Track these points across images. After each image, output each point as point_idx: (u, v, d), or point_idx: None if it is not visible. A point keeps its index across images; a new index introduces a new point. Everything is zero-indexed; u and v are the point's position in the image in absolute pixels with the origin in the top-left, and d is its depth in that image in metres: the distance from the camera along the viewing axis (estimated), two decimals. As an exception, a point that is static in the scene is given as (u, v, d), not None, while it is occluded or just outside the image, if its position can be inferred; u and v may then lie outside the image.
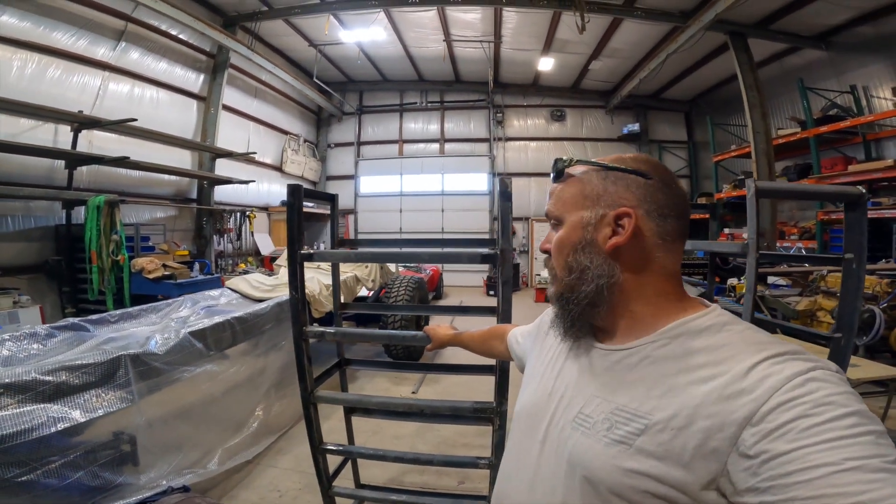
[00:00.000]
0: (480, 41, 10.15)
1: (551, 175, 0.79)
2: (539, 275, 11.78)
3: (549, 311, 0.94)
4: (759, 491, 0.49)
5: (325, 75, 11.99)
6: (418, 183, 13.70)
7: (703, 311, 0.69)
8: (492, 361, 1.95)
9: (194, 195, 8.64)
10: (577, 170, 0.76)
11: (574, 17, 7.67)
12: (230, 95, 9.37)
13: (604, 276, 0.71)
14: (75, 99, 6.26)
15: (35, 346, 2.73)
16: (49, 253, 6.00)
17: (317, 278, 4.91)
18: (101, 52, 6.72)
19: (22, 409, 1.79)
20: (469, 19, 9.34)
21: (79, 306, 5.86)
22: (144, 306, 3.75)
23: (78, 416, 2.03)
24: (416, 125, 13.92)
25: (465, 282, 12.89)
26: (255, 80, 10.34)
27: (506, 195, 1.87)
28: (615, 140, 13.08)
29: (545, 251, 0.80)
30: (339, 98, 13.10)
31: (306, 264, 1.97)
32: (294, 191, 1.91)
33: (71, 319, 3.13)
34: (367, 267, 5.87)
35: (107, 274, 5.43)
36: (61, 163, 5.94)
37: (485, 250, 2.12)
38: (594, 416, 0.68)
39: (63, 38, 6.17)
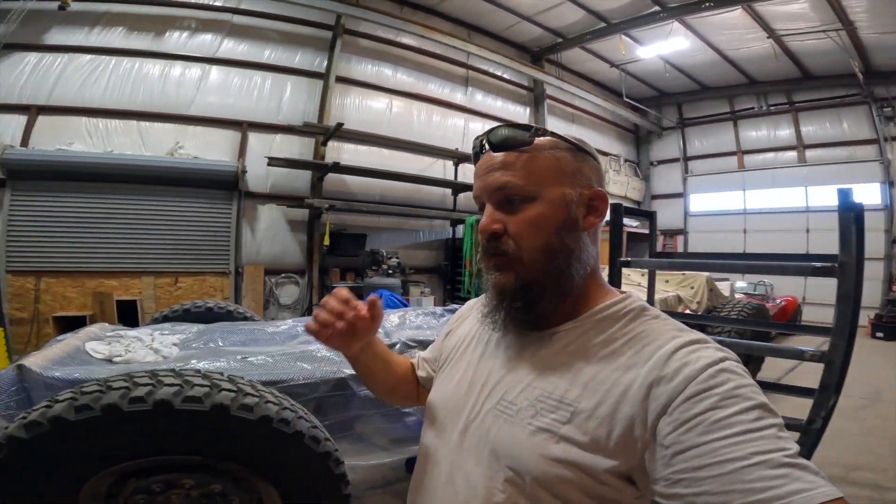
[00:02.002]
0: (824, 30, 7.94)
1: (491, 142, 0.68)
2: None
3: (470, 305, 0.91)
4: (672, 482, 0.50)
5: (634, 92, 11.79)
6: (768, 198, 11.41)
7: (621, 297, 0.68)
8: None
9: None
10: (544, 143, 0.67)
11: None
12: (551, 124, 10.47)
13: (591, 257, 0.69)
14: (451, 138, 8.65)
15: (433, 321, 3.90)
16: (441, 259, 8.56)
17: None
18: (459, 97, 9.11)
19: None
20: (793, 10, 7.66)
21: (455, 299, 8.07)
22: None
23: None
24: (759, 133, 11.72)
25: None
26: (569, 107, 11.25)
27: (848, 203, 1.66)
28: None
29: (494, 232, 0.67)
30: (654, 114, 12.57)
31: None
32: (615, 208, 2.29)
33: (454, 305, 4.44)
34: (692, 288, 5.55)
35: (473, 277, 7.27)
36: (448, 190, 8.38)
37: (819, 263, 1.88)
38: (518, 403, 0.65)
39: (435, 87, 8.76)
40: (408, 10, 8.21)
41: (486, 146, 0.69)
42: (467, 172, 8.73)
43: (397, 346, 2.29)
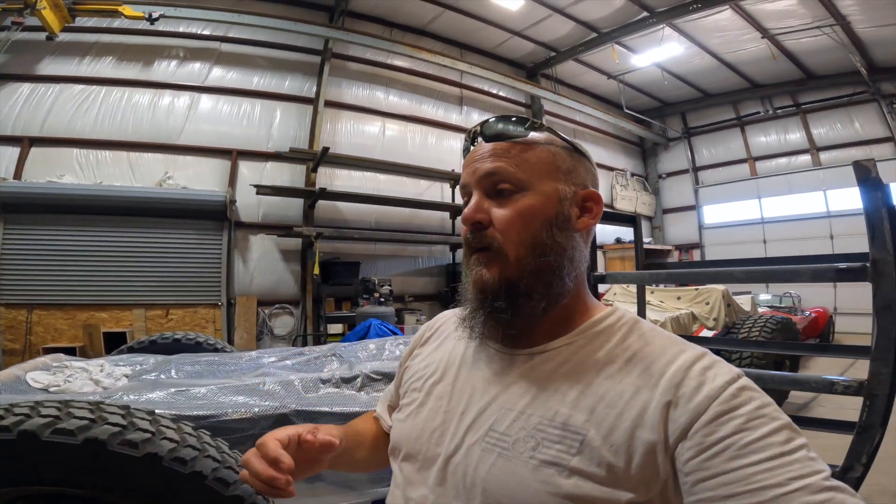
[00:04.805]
0: (818, 27, 7.72)
1: (485, 133, 0.65)
2: None
3: (431, 325, 0.82)
4: None
5: (635, 104, 11.52)
6: (786, 206, 10.89)
7: (611, 310, 0.65)
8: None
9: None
10: (540, 137, 0.64)
11: None
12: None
13: (584, 261, 0.65)
14: (448, 160, 8.40)
15: None
16: (441, 285, 8.21)
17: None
18: (455, 117, 8.93)
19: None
20: (782, 8, 7.52)
21: (457, 326, 7.70)
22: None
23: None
24: (768, 138, 11.31)
25: (869, 328, 9.04)
26: (569, 122, 10.98)
27: (870, 183, 1.31)
28: None
29: (478, 221, 0.61)
30: (658, 125, 12.23)
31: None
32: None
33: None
34: (707, 304, 5.12)
35: (475, 303, 6.92)
36: (447, 214, 8.11)
37: (844, 264, 1.49)
38: (511, 434, 0.57)
39: (429, 108, 8.59)
40: (397, 31, 8.17)
41: (479, 137, 0.66)
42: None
43: (359, 378, 2.16)
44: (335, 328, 6.45)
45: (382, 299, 6.44)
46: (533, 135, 0.64)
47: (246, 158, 6.79)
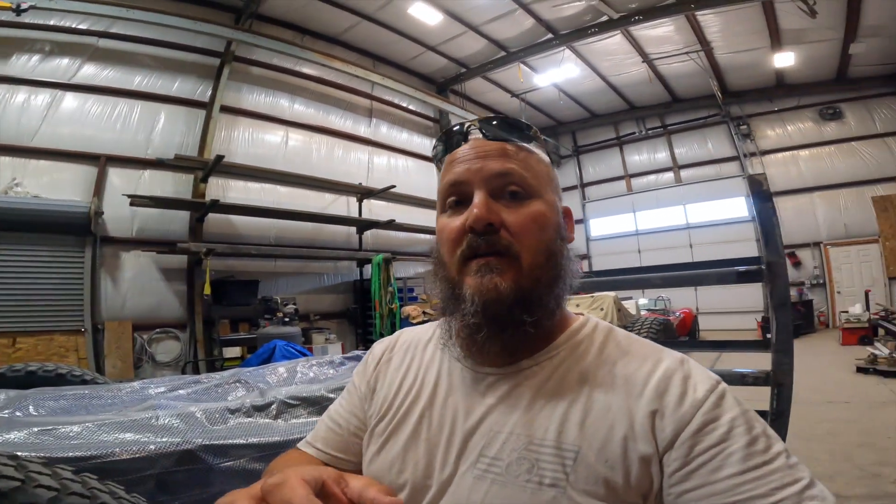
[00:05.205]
0: (686, 53, 9.11)
1: (486, 129, 0.61)
2: (846, 311, 8.44)
3: (391, 342, 0.75)
4: None
5: (533, 122, 12.02)
6: (656, 218, 12.46)
7: (583, 319, 0.63)
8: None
9: (444, 251, 10.06)
10: (531, 146, 0.62)
11: (793, 2, 6.18)
12: None
13: (575, 274, 0.62)
14: (354, 173, 8.25)
15: (331, 371, 3.55)
16: (349, 302, 7.92)
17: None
18: (363, 129, 8.81)
19: (310, 420, 2.22)
20: (661, 34, 8.67)
21: (367, 343, 7.43)
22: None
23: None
24: (641, 157, 12.91)
25: (729, 324, 10.65)
26: None
27: (762, 195, 1.51)
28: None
29: (489, 223, 0.55)
30: (553, 143, 13.32)
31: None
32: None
33: (357, 352, 3.99)
34: (602, 309, 5.59)
35: (385, 319, 6.75)
36: (353, 229, 7.88)
37: (742, 267, 1.70)
38: (503, 458, 0.54)
39: (336, 119, 8.39)
40: (308, 38, 7.86)
41: (472, 134, 0.62)
42: (373, 209, 8.34)
43: (274, 405, 1.98)
44: (232, 352, 5.86)
45: (287, 319, 6.01)
46: (530, 145, 0.62)
47: (118, 165, 5.94)
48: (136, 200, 5.56)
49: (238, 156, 6.81)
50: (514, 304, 0.55)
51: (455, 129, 0.64)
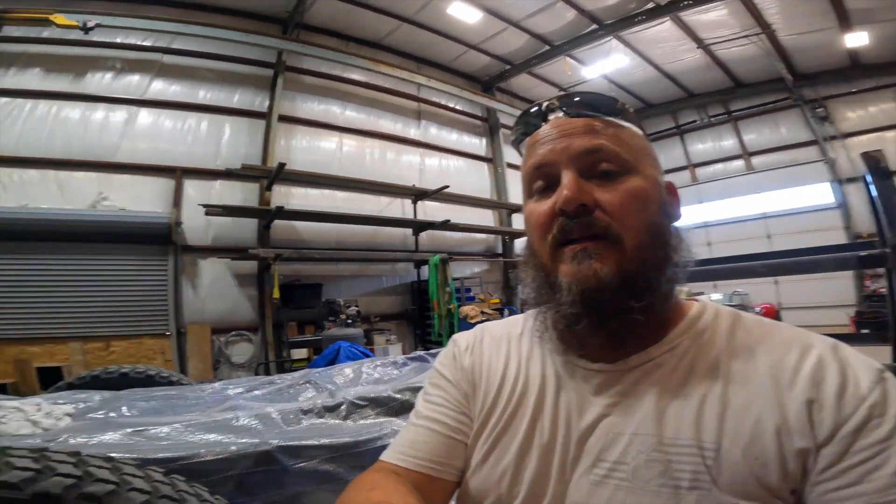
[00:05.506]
0: (746, 36, 8.42)
1: (568, 106, 0.58)
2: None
3: (483, 333, 0.69)
4: None
5: None
6: (726, 209, 11.63)
7: (701, 305, 0.57)
8: None
9: (500, 250, 9.91)
10: (626, 122, 0.58)
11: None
12: (508, 154, 10.29)
13: (689, 255, 0.57)
14: (407, 175, 8.28)
15: (395, 371, 3.55)
16: (408, 303, 7.97)
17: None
18: (413, 131, 8.83)
19: (378, 420, 2.29)
20: (714, 19, 8.10)
21: (426, 344, 7.44)
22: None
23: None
24: (704, 145, 12.12)
25: (814, 320, 9.66)
26: None
27: (880, 172, 1.29)
28: None
29: (581, 203, 0.51)
30: None
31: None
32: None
33: (419, 352, 3.97)
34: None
35: (443, 319, 6.72)
36: (409, 230, 7.93)
37: (864, 252, 1.46)
38: (628, 461, 0.49)
39: (387, 123, 8.45)
40: (353, 45, 7.99)
41: (552, 114, 0.58)
42: (427, 210, 8.35)
43: (343, 406, 2.00)
44: (299, 353, 6.06)
45: (349, 321, 6.12)
46: (624, 120, 0.58)
47: (192, 177, 6.29)
48: (211, 210, 5.87)
49: (297, 163, 7.03)
50: (618, 289, 0.50)
51: (533, 110, 0.60)
